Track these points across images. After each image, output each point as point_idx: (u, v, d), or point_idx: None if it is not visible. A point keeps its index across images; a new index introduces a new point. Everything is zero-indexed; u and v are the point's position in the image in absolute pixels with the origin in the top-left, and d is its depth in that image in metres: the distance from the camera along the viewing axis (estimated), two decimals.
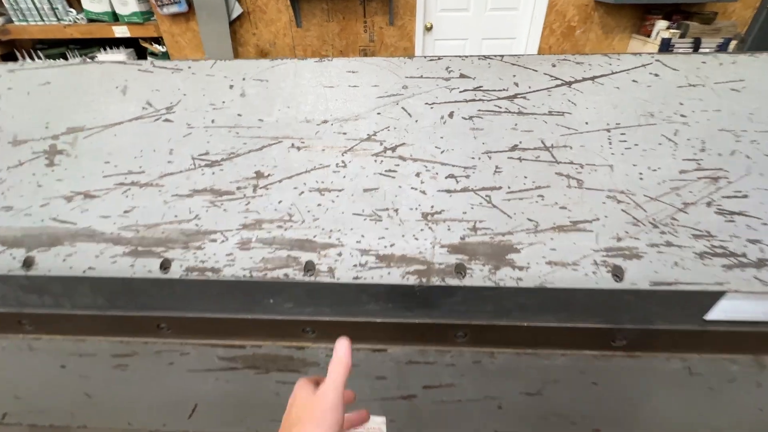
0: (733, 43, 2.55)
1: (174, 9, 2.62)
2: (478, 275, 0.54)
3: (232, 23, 2.81)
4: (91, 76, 0.63)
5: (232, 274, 0.56)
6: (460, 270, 0.54)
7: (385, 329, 0.54)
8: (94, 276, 0.55)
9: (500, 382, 0.61)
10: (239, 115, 0.60)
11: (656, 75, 0.58)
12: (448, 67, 0.60)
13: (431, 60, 0.60)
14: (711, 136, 0.56)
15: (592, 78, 0.58)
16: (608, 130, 0.57)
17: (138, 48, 3.10)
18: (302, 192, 0.58)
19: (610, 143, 0.56)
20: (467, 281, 0.54)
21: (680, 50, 2.66)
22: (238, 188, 0.58)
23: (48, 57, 3.06)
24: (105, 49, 3.15)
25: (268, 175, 0.58)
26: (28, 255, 0.58)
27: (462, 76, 0.59)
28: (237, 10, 2.75)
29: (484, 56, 0.59)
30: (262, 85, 0.61)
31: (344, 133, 0.59)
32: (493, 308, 0.54)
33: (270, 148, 0.59)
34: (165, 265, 0.57)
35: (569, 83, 0.58)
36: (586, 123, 0.57)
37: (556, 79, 0.58)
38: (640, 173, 0.55)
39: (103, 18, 2.83)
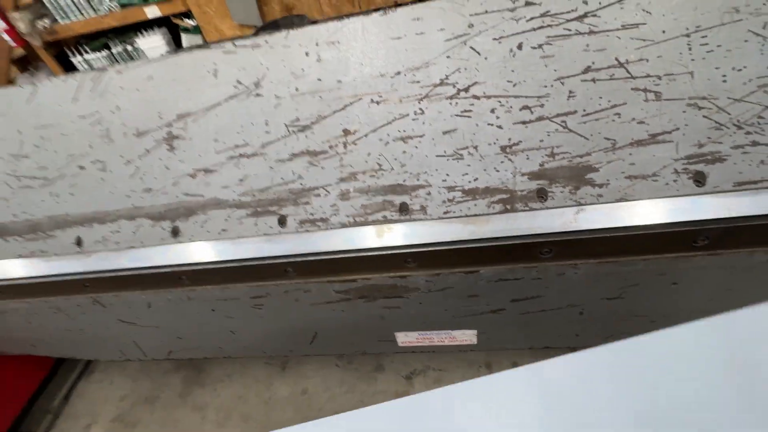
0: None
1: None
2: (559, 197, 0.59)
3: None
4: (185, 65, 0.71)
5: (339, 222, 0.65)
6: (541, 194, 0.59)
7: (477, 252, 0.62)
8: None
9: (583, 291, 0.68)
10: (319, 79, 0.66)
11: None
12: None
13: None
14: None
15: None
16: (688, 35, 0.55)
17: (170, 26, 3.17)
18: (387, 143, 0.64)
19: (690, 49, 0.55)
20: (549, 203, 0.59)
21: None
22: (331, 147, 0.66)
23: (93, 50, 3.21)
24: (141, 33, 3.25)
25: (355, 131, 0.65)
26: (174, 225, 0.71)
27: (528, 3, 0.59)
28: None
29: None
30: (335, 48, 0.65)
31: (418, 82, 0.63)
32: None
33: (352, 107, 0.65)
34: (282, 221, 0.67)
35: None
36: (663, 32, 0.56)
37: None
38: (724, 75, 0.55)
39: (134, 1, 2.89)
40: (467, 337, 0.83)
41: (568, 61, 0.58)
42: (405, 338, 0.84)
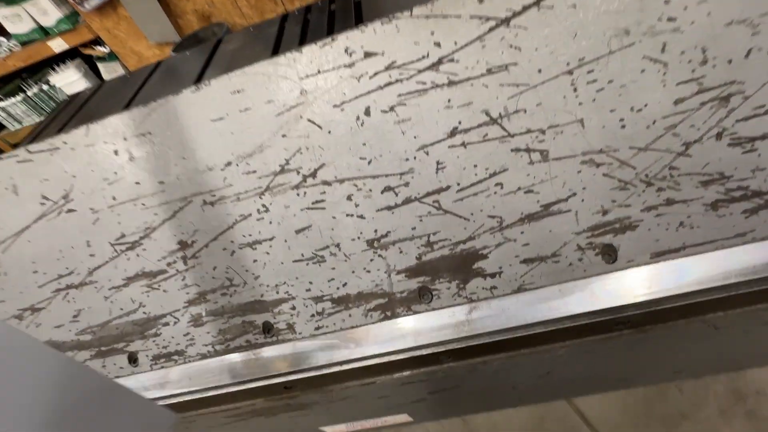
0: None
1: (95, 1, 2.35)
2: (446, 295, 0.47)
3: None
4: None
5: (198, 353, 0.53)
6: (424, 294, 0.47)
7: (363, 371, 0.51)
8: None
9: (501, 380, 0.58)
10: (137, 183, 0.52)
11: None
12: (347, 48, 0.46)
13: (324, 45, 0.46)
14: (714, 38, 0.40)
15: (537, 2, 0.42)
16: (570, 72, 0.42)
17: (84, 56, 2.90)
18: (233, 251, 0.51)
19: (575, 90, 0.43)
20: (435, 303, 0.47)
21: None
22: (169, 264, 0.53)
23: (7, 95, 2.94)
24: (54, 69, 2.98)
25: (192, 242, 0.52)
26: None
27: (367, 54, 0.45)
28: None
29: (387, 17, 0.44)
30: (147, 141, 0.51)
31: (254, 172, 0.49)
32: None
33: (183, 212, 0.51)
34: (132, 359, 0.55)
35: (507, 21, 0.43)
36: (539, 71, 0.43)
37: (488, 19, 0.43)
38: (621, 120, 0.42)
39: (34, 36, 2.63)
40: (400, 418, 0.73)
41: (429, 124, 0.45)
42: (333, 430, 0.75)
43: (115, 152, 0.52)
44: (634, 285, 0.44)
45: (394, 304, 0.48)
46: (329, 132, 0.47)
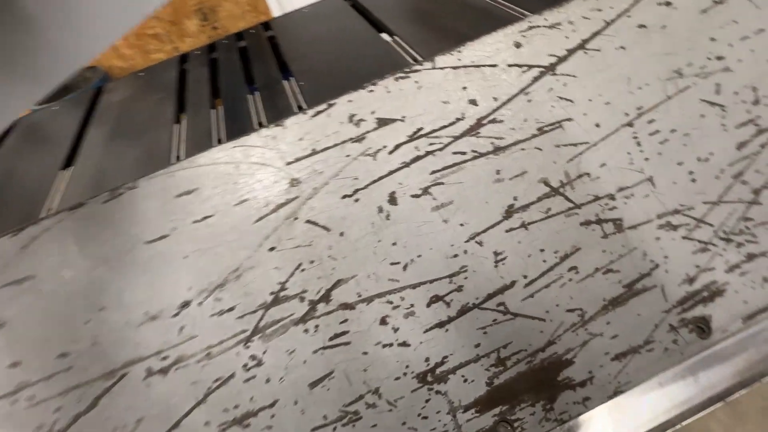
0: None
1: None
2: (532, 423, 0.35)
3: None
4: None
5: None
6: (503, 428, 0.35)
7: None
8: None
9: None
10: (13, 365, 0.30)
11: (667, 3, 0.36)
12: (353, 115, 0.32)
13: (318, 113, 0.32)
14: (761, 75, 0.37)
15: (581, 45, 0.35)
16: (630, 124, 0.35)
17: None
18: None
19: (638, 144, 0.36)
20: None
21: None
22: None
23: None
24: None
25: None
26: None
27: (382, 122, 0.33)
28: None
29: (404, 72, 0.33)
30: (29, 289, 0.30)
31: (230, 309, 0.32)
32: None
33: (109, 397, 0.31)
34: None
35: (552, 68, 0.34)
36: (597, 126, 0.35)
37: (531, 67, 0.34)
38: (690, 173, 0.36)
39: None
40: None
41: (477, 205, 0.34)
42: None
43: None
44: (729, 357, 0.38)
45: None
46: (341, 234, 0.33)
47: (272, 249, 0.32)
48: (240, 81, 0.61)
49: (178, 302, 0.31)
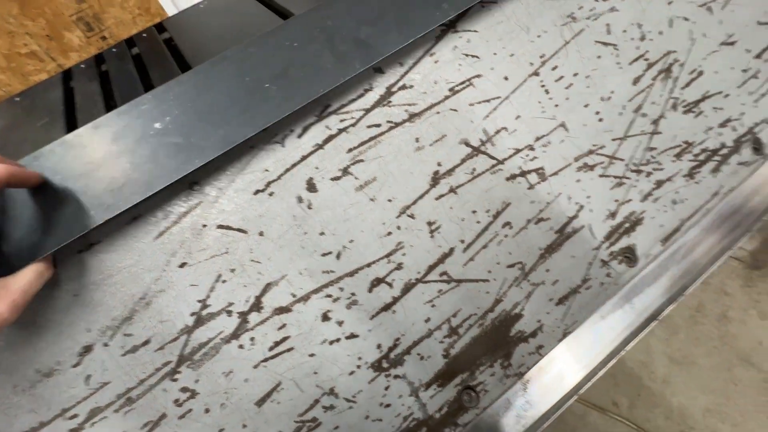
0: None
1: None
2: (493, 382, 0.35)
3: None
4: None
5: None
6: (467, 398, 0.35)
7: None
8: None
9: None
10: None
11: None
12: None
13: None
14: (643, 12, 0.39)
15: None
16: (537, 73, 0.36)
17: None
18: None
19: (546, 91, 0.36)
20: (484, 401, 0.35)
21: None
22: None
23: None
24: None
25: None
26: None
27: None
28: None
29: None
30: None
31: (145, 343, 0.27)
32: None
33: None
34: None
35: (453, 24, 0.33)
36: (506, 78, 0.35)
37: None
38: (597, 112, 0.37)
39: None
40: None
41: (401, 175, 0.32)
42: None
43: None
44: (659, 280, 0.40)
45: (436, 428, 0.34)
46: (261, 234, 0.29)
47: (183, 265, 0.28)
48: (138, 90, 0.54)
49: (77, 349, 0.26)
